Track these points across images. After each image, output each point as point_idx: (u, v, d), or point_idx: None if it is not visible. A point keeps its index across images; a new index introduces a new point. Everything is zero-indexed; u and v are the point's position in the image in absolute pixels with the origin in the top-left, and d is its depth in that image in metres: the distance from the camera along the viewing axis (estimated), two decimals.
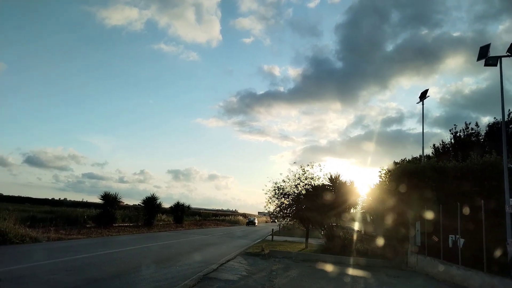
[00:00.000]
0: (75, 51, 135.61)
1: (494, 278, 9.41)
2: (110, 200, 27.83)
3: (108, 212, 27.29)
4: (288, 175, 21.18)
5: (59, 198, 79.27)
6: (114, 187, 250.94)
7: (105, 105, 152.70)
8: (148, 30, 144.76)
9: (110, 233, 22.02)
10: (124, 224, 29.73)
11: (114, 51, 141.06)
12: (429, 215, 13.44)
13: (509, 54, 11.36)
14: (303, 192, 20.29)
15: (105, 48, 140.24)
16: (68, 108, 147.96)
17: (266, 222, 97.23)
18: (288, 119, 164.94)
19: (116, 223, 28.05)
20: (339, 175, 19.87)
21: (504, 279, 9.06)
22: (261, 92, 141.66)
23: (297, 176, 20.85)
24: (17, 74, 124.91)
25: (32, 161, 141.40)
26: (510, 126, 24.15)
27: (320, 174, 20.72)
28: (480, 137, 25.42)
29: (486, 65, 11.74)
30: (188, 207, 43.81)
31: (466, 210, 11.32)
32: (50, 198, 72.96)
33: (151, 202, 33.32)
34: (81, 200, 74.26)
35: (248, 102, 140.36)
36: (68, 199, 79.27)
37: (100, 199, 27.95)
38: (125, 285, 8.00)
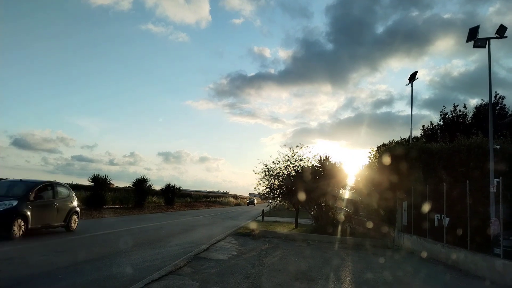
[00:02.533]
0: (61, 30, 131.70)
1: (477, 255, 9.71)
2: (100, 182, 27.69)
3: (98, 194, 27.21)
4: (278, 157, 21.30)
5: None
6: (104, 170, 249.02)
7: (93, 87, 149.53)
8: (135, 10, 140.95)
9: (100, 215, 22.01)
10: (115, 206, 29.72)
11: (101, 31, 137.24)
12: (416, 195, 13.71)
13: (498, 35, 11.39)
14: (293, 173, 20.45)
15: (91, 28, 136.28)
16: (56, 90, 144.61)
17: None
18: (278, 101, 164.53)
19: (106, 205, 28.01)
20: (328, 157, 20.03)
21: (486, 256, 9.34)
22: (252, 74, 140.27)
23: (286, 158, 21.00)
24: (0, 54, 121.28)
25: (20, 143, 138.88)
26: (497, 108, 24.50)
27: (310, 155, 20.88)
28: (468, 119, 25.77)
29: (475, 46, 11.77)
30: (179, 189, 43.88)
31: (452, 190, 11.56)
32: None
33: (141, 184, 33.28)
34: (71, 182, 73.65)
35: (239, 84, 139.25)
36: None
37: (90, 181, 27.82)
38: (115, 265, 8.05)
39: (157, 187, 43.01)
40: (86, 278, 6.79)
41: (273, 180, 21.13)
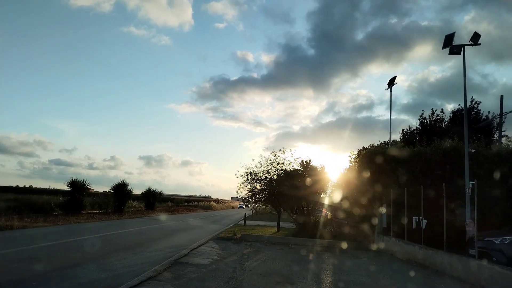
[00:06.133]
0: (40, 32, 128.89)
1: (453, 257, 9.94)
2: (78, 186, 27.07)
3: (76, 199, 26.57)
4: (260, 161, 21.31)
5: (24, 186, 76.08)
6: (83, 174, 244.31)
7: (73, 89, 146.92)
8: (117, 12, 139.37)
9: (78, 220, 21.46)
10: (94, 211, 29.03)
11: (82, 33, 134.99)
12: (395, 198, 13.94)
13: (472, 43, 11.79)
14: (275, 177, 20.49)
15: (71, 30, 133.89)
16: (34, 92, 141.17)
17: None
18: (261, 105, 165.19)
19: (84, 210, 27.35)
20: (310, 160, 20.19)
21: (462, 257, 9.58)
22: (235, 78, 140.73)
23: (269, 161, 21.04)
24: None
25: None
26: (472, 112, 25.27)
27: (291, 159, 21.01)
28: (445, 123, 26.47)
29: (450, 53, 12.15)
30: (160, 193, 43.30)
31: (429, 193, 11.82)
32: (14, 185, 69.78)
33: (121, 188, 32.69)
34: (48, 187, 71.52)
35: (222, 88, 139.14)
36: (34, 187, 76.08)
37: (68, 186, 27.17)
38: (93, 271, 7.86)
39: (138, 191, 42.28)
40: (62, 285, 6.61)
41: (255, 183, 21.11)
